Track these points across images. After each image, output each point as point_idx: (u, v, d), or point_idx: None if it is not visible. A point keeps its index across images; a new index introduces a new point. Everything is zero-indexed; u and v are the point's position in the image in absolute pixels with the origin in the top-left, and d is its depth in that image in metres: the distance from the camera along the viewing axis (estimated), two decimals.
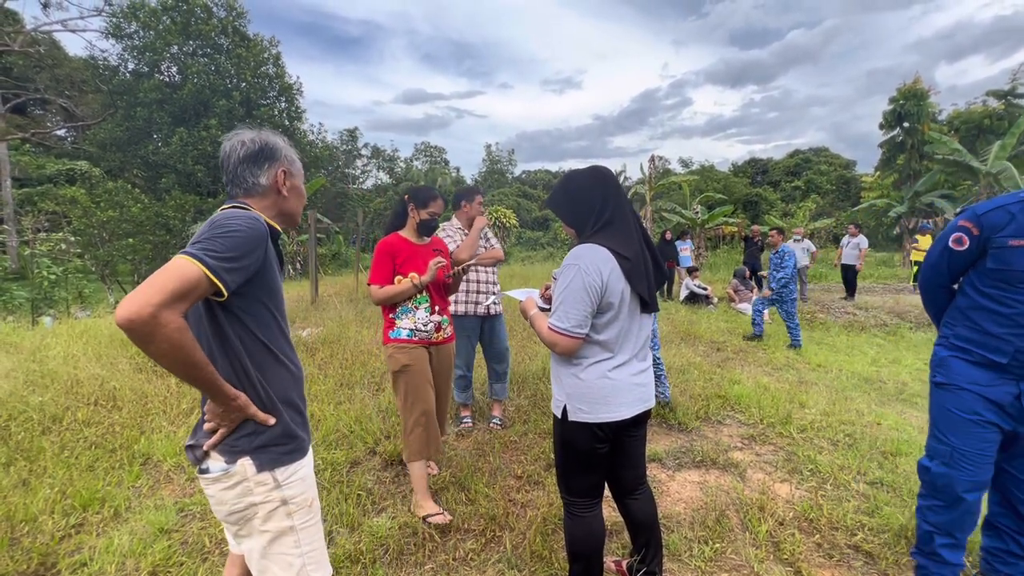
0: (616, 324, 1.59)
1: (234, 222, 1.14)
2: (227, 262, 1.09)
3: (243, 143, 1.29)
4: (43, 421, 3.38)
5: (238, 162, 1.29)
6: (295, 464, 1.28)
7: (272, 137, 1.33)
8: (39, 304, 9.32)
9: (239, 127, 1.37)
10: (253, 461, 1.22)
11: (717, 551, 2.21)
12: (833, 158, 39.24)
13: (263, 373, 1.24)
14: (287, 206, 1.36)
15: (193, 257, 1.05)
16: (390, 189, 36.64)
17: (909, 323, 8.46)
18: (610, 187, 1.66)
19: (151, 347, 1.01)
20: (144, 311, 0.97)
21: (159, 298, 0.99)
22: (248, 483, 1.23)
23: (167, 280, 1.00)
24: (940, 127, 17.67)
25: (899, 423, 3.85)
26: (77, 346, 5.06)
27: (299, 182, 1.39)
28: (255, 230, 1.16)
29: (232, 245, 1.10)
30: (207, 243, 1.08)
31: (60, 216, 16.07)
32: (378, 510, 2.53)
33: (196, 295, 1.05)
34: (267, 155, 1.31)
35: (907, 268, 15.59)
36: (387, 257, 2.45)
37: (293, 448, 1.28)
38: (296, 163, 1.38)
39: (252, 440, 1.23)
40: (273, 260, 1.26)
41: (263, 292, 1.22)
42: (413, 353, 2.46)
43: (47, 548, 2.19)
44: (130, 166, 21.30)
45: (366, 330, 6.19)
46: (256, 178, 1.30)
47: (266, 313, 1.25)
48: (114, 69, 21.08)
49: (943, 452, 1.84)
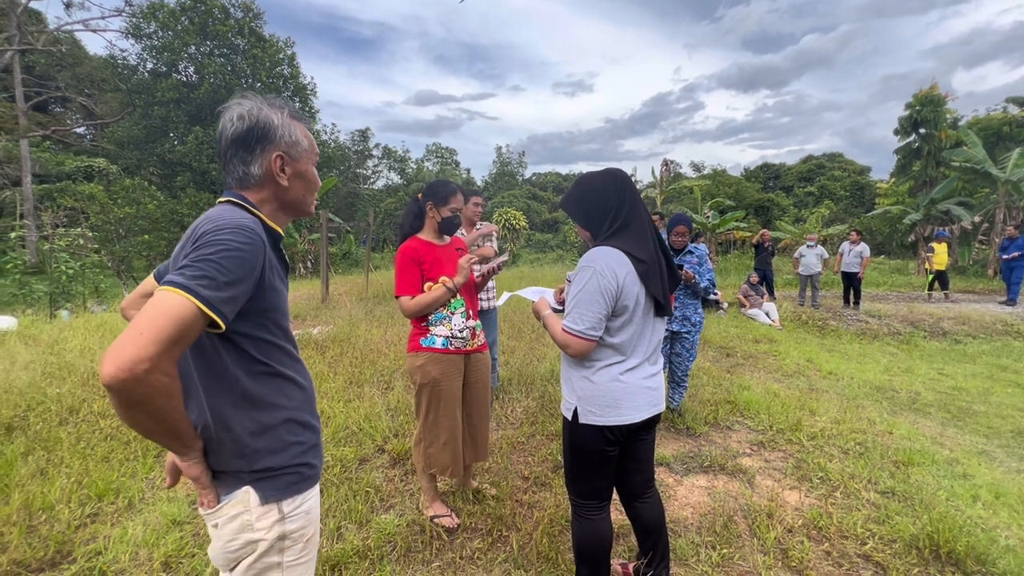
0: (630, 327, 1.60)
1: (224, 235, 0.92)
2: (223, 290, 0.90)
3: (232, 120, 1.06)
4: (60, 412, 3.45)
5: (227, 146, 1.07)
6: (303, 495, 1.10)
7: (268, 111, 1.07)
8: (57, 298, 9.50)
9: (240, 93, 1.11)
10: (256, 491, 1.04)
11: (724, 557, 2.20)
12: (847, 164, 38.74)
13: (268, 399, 1.06)
14: (290, 196, 1.13)
15: (184, 290, 0.86)
16: (401, 189, 36.86)
17: (923, 332, 8.34)
18: (626, 189, 1.65)
19: (139, 412, 0.84)
20: (139, 367, 0.79)
21: (155, 349, 0.81)
22: (248, 516, 1.03)
23: (162, 325, 0.82)
24: (959, 134, 17.38)
25: (911, 433, 3.80)
26: (93, 339, 5.15)
27: (305, 166, 1.14)
28: (251, 244, 0.95)
29: (226, 268, 0.91)
30: (197, 267, 0.89)
31: (78, 212, 16.37)
32: (386, 507, 2.55)
33: (192, 338, 0.88)
34: (258, 136, 1.06)
35: (921, 276, 15.36)
36: (413, 264, 2.22)
37: (304, 476, 1.11)
38: (299, 143, 1.12)
39: (253, 461, 1.04)
40: (274, 271, 1.05)
41: (262, 311, 1.03)
42: (447, 366, 2.25)
43: (63, 536, 2.24)
44: (147, 164, 21.66)
45: (376, 329, 6.23)
46: (247, 166, 1.06)
47: (267, 332, 1.06)
48: (133, 68, 21.48)
49: None
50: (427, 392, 2.26)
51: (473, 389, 2.42)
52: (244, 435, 1.03)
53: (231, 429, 1.02)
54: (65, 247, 12.18)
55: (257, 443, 1.04)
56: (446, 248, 2.35)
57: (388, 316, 7.06)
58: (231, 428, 1.02)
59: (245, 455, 1.03)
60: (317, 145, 1.21)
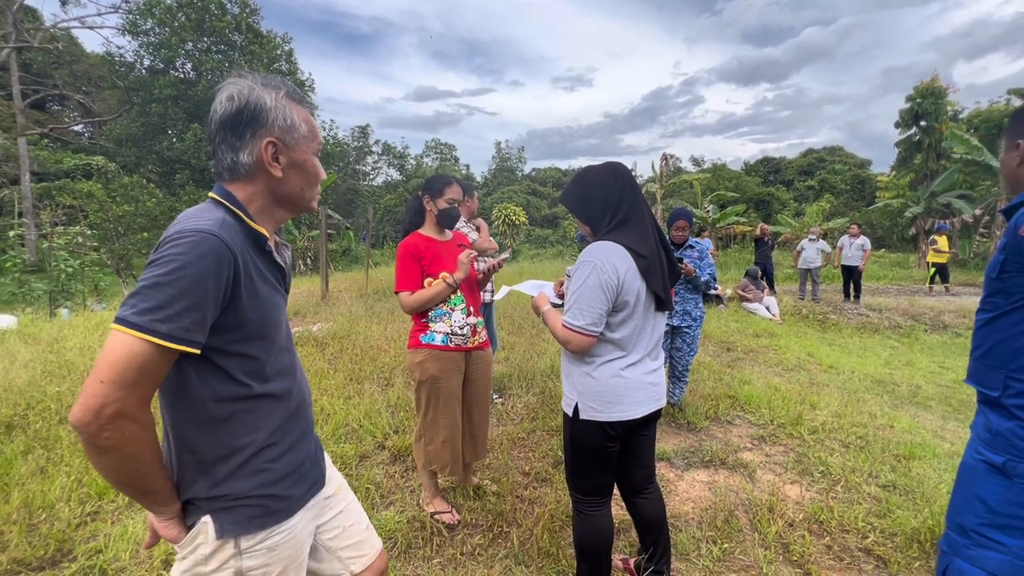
0: (631, 322, 1.58)
1: (180, 248, 0.82)
2: (183, 317, 0.81)
3: (222, 101, 0.94)
4: (60, 411, 3.44)
5: (215, 131, 0.95)
6: (267, 530, 0.97)
7: (261, 91, 0.95)
8: (56, 296, 9.49)
9: (237, 71, 1.00)
10: (214, 522, 0.93)
11: (725, 551, 2.20)
12: (848, 157, 38.67)
13: (241, 421, 0.95)
14: (286, 189, 1.00)
15: (138, 329, 0.78)
16: (400, 186, 36.82)
17: (924, 325, 8.33)
18: (626, 184, 1.64)
19: (107, 458, 0.80)
20: (104, 411, 0.77)
21: (119, 393, 0.78)
22: (204, 549, 0.93)
23: (120, 371, 0.78)
24: (959, 126, 17.32)
25: (912, 426, 3.79)
26: (93, 338, 5.15)
27: (303, 155, 1.00)
28: (212, 254, 0.84)
29: (183, 290, 0.81)
30: (149, 295, 0.80)
31: (77, 210, 16.35)
32: (387, 504, 2.55)
33: (162, 372, 0.84)
34: (248, 119, 0.93)
35: (923, 269, 15.35)
36: (412, 259, 2.21)
37: (271, 510, 0.98)
38: (296, 129, 0.98)
39: (213, 485, 0.93)
40: (253, 278, 0.94)
41: (238, 324, 0.91)
42: (447, 363, 2.24)
43: (64, 535, 2.24)
44: (145, 161, 21.63)
45: (376, 325, 6.22)
46: (236, 153, 0.94)
47: (245, 346, 0.94)
48: (130, 65, 21.42)
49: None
50: (426, 389, 2.25)
51: (473, 386, 2.41)
52: (209, 457, 0.93)
53: (196, 451, 0.93)
54: (64, 245, 12.16)
55: (222, 467, 0.94)
56: (447, 244, 2.33)
57: (388, 313, 7.06)
58: (196, 450, 0.93)
59: (207, 476, 0.93)
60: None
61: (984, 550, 1.29)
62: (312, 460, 1.11)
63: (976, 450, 1.34)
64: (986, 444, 1.31)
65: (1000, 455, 1.27)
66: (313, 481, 1.11)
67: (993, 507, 1.27)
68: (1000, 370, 1.29)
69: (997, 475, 1.28)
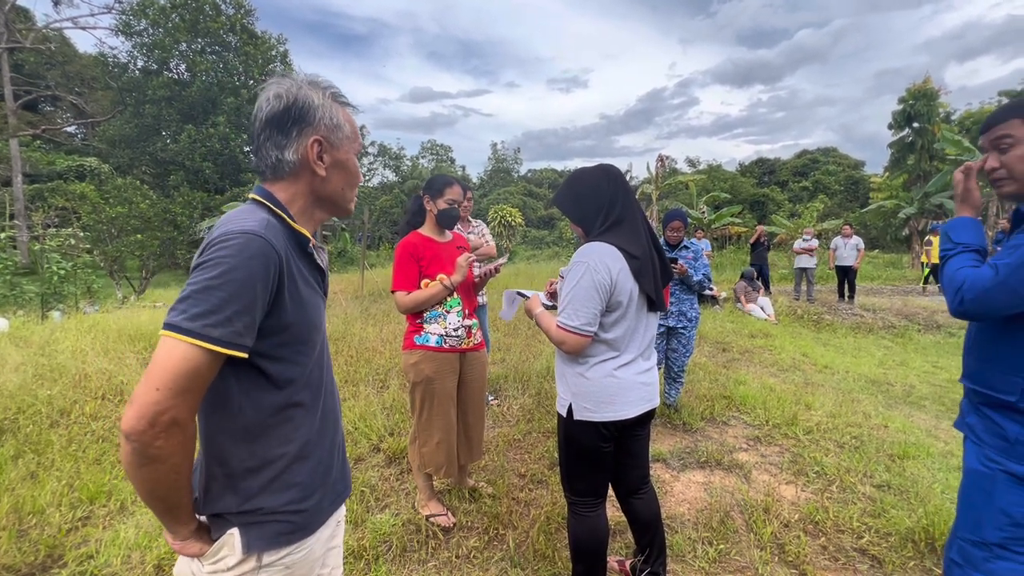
0: (623, 323, 1.58)
1: (228, 251, 0.82)
2: (234, 321, 0.80)
3: (269, 99, 0.94)
4: (51, 415, 3.41)
5: (260, 128, 0.94)
6: (292, 546, 0.95)
7: (309, 91, 0.95)
8: (48, 299, 9.41)
9: (277, 77, 0.98)
10: (242, 536, 0.90)
11: (721, 552, 2.20)
12: (841, 158, 38.94)
13: (275, 432, 0.93)
14: (328, 189, 1.00)
15: (191, 336, 0.78)
16: (396, 187, 36.77)
17: (918, 325, 8.39)
18: (619, 186, 1.64)
19: (152, 468, 0.78)
20: (161, 418, 0.76)
21: (174, 400, 0.77)
22: (227, 561, 0.90)
23: (174, 377, 0.77)
24: (952, 127, 17.47)
25: (906, 426, 3.81)
26: (85, 341, 5.10)
27: (346, 154, 1.00)
28: (260, 256, 0.84)
29: (232, 294, 0.80)
30: (199, 300, 0.79)
31: (70, 212, 16.24)
32: (382, 507, 2.53)
33: (212, 376, 0.83)
34: (296, 117, 0.93)
35: (916, 270, 15.45)
36: (410, 259, 2.19)
37: (296, 526, 0.96)
38: (341, 128, 0.99)
39: (244, 500, 0.90)
40: (297, 280, 0.93)
41: (282, 327, 0.90)
42: (441, 364, 2.23)
43: (54, 540, 2.21)
44: (139, 163, 21.52)
45: (371, 327, 6.20)
46: (281, 151, 0.94)
47: (288, 349, 0.93)
48: (123, 66, 21.30)
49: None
50: (421, 390, 2.25)
51: (468, 388, 2.40)
52: (239, 470, 0.91)
53: (226, 463, 0.90)
54: (56, 247, 12.06)
55: (252, 481, 0.91)
56: (446, 245, 2.32)
57: (383, 314, 7.03)
58: (226, 462, 0.90)
59: (238, 491, 0.91)
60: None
61: (1006, 562, 1.25)
62: (340, 470, 1.09)
63: (988, 458, 1.29)
64: (1002, 452, 1.26)
65: (1022, 464, 1.23)
66: (338, 493, 1.08)
67: (1018, 520, 1.23)
68: (1018, 374, 1.24)
69: (1020, 486, 1.23)
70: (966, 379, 1.39)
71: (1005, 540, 1.26)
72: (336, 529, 1.13)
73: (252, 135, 0.97)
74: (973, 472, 1.33)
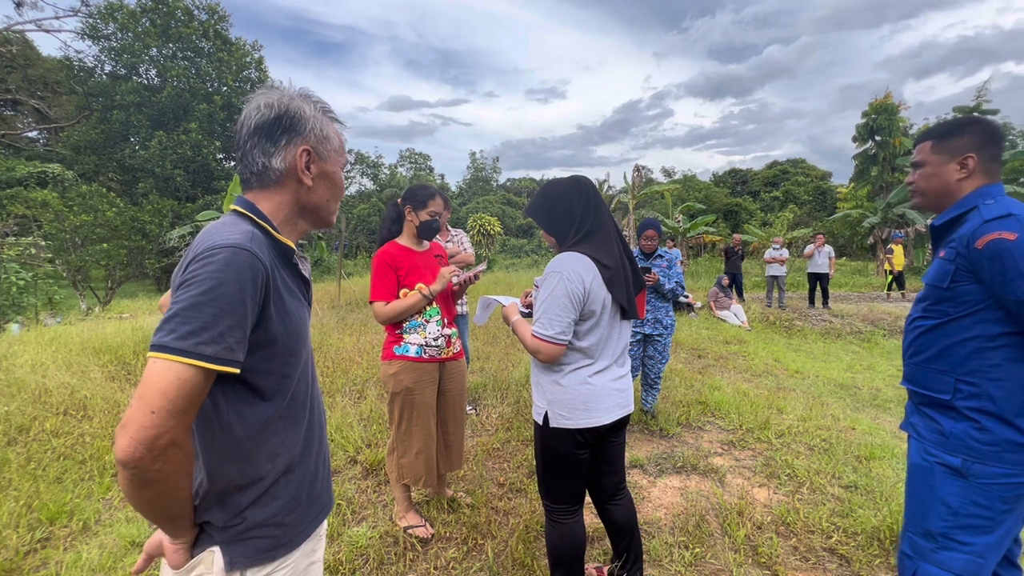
0: (597, 331, 1.61)
1: (214, 266, 0.80)
2: (225, 337, 0.79)
3: (259, 108, 0.94)
4: (9, 432, 3.26)
5: (248, 136, 0.94)
6: (276, 563, 0.94)
7: (300, 102, 0.96)
8: (7, 311, 9.00)
9: (266, 88, 0.99)
10: (224, 554, 0.89)
11: (697, 556, 2.23)
12: (810, 169, 40.31)
13: (264, 447, 0.93)
14: (312, 199, 1.00)
15: (183, 355, 0.76)
16: (374, 195, 36.47)
17: (883, 330, 8.70)
18: (591, 197, 1.68)
19: (152, 490, 0.77)
20: (158, 442, 0.74)
21: (172, 422, 0.75)
22: None
23: (171, 398, 0.75)
24: (911, 141, 18.31)
25: (873, 428, 3.94)
26: (46, 354, 4.89)
27: (333, 167, 1.01)
28: (247, 269, 0.83)
29: (221, 310, 0.79)
30: (188, 317, 0.77)
31: (30, 220, 15.59)
32: (358, 520, 2.49)
33: (204, 397, 0.81)
34: (287, 126, 0.94)
35: (881, 277, 16.03)
36: (389, 269, 2.19)
37: (282, 541, 0.95)
38: (331, 140, 1.00)
39: (231, 514, 0.90)
40: (281, 292, 0.92)
41: (270, 340, 0.90)
42: (421, 374, 2.23)
43: (11, 564, 2.11)
44: (105, 169, 20.85)
45: (348, 337, 6.12)
46: (268, 158, 0.93)
47: (275, 363, 0.92)
48: (90, 71, 20.69)
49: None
50: (400, 401, 2.23)
51: (448, 397, 2.40)
52: (229, 488, 0.90)
53: (215, 481, 0.90)
54: (16, 257, 11.56)
55: (240, 496, 0.90)
56: (424, 254, 2.32)
57: (361, 324, 6.95)
58: (215, 481, 0.90)
59: (226, 506, 0.90)
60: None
61: (950, 552, 1.32)
62: (325, 482, 1.09)
63: (927, 451, 1.38)
64: (938, 446, 1.35)
65: (956, 456, 1.31)
66: (323, 505, 1.07)
67: (955, 509, 1.31)
68: (949, 374, 1.34)
69: (955, 476, 1.31)
70: (906, 382, 1.50)
71: (947, 529, 1.33)
72: (317, 543, 1.11)
73: (238, 142, 0.97)
74: (915, 467, 1.42)
